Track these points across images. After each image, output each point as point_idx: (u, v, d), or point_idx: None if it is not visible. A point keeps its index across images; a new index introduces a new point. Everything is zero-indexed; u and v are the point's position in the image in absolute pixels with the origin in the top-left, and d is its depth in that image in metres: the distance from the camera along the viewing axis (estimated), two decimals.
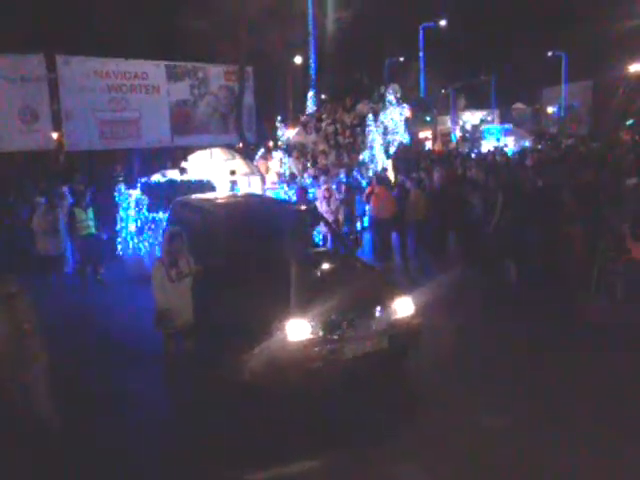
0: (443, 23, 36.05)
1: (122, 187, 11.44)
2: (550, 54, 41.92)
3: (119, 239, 11.47)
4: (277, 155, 15.06)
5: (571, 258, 9.44)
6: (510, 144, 30.29)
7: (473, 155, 21.89)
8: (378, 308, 6.25)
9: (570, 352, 7.15)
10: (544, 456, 5.06)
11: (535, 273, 9.66)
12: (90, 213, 10.63)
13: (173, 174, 12.69)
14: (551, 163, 16.06)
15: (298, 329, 5.78)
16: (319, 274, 6.92)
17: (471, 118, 41.89)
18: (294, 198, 11.76)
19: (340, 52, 29.86)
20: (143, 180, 11.57)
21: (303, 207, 9.01)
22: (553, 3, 38.62)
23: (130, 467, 5.20)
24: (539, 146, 26.76)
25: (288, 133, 15.94)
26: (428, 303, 7.19)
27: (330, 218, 10.41)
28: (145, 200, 10.99)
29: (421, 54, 36.38)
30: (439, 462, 5.05)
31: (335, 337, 5.91)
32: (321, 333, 5.86)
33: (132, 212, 11.08)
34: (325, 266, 7.18)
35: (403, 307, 6.40)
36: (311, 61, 21.99)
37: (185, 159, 13.90)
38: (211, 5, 22.18)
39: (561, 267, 9.45)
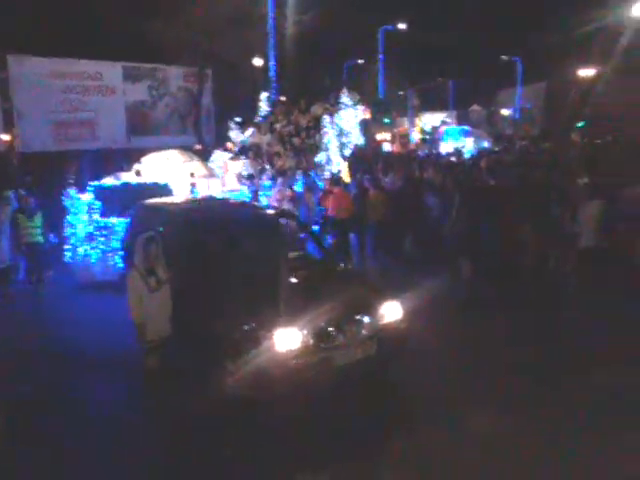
0: (402, 26, 36.37)
1: (72, 191, 11.04)
2: (505, 57, 42.69)
3: (67, 245, 10.95)
4: (229, 156, 14.95)
5: (523, 256, 9.65)
6: (469, 145, 30.63)
7: (432, 156, 22.11)
8: (366, 313, 6.11)
9: (539, 343, 7.43)
10: (532, 458, 5.15)
11: (490, 270, 9.81)
12: (37, 220, 9.90)
13: (127, 177, 12.43)
14: (505, 165, 16.34)
15: (287, 339, 5.58)
16: (303, 280, 6.67)
17: (431, 119, 42.32)
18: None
19: (301, 54, 29.85)
20: (95, 183, 11.24)
21: (279, 211, 8.80)
22: (509, 8, 39.36)
23: None
24: (496, 148, 27.19)
25: (244, 134, 15.85)
26: None
27: None
28: (98, 204, 10.69)
29: (380, 56, 36.64)
30: (434, 467, 5.09)
31: (325, 345, 5.74)
32: (311, 342, 5.68)
33: (84, 217, 10.72)
34: (308, 271, 6.94)
35: (391, 311, 6.29)
36: (271, 63, 21.92)
37: (139, 161, 13.65)
38: (170, 7, 21.95)
39: (514, 264, 9.65)
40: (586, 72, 33.84)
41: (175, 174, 12.98)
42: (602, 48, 30.96)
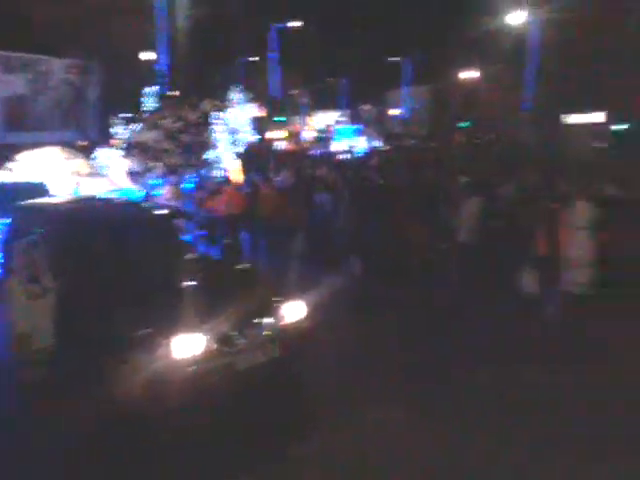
0: (296, 25, 36.53)
1: None
2: (396, 59, 44.11)
3: None
4: (118, 153, 14.41)
5: (411, 253, 9.99)
6: (362, 144, 31.37)
7: (324, 155, 22.44)
8: (267, 314, 5.97)
9: (427, 335, 7.80)
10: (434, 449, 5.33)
11: (380, 268, 10.07)
12: None
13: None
14: (395, 164, 16.86)
15: (189, 344, 5.32)
16: (201, 282, 6.33)
17: (324, 118, 42.97)
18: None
19: (192, 49, 29.22)
20: None
21: (172, 210, 8.46)
22: (398, 10, 40.71)
23: None
24: (386, 147, 28.05)
25: (130, 130, 15.29)
26: None
27: None
28: None
29: (273, 55, 36.69)
30: (337, 467, 5.13)
31: (228, 350, 5.55)
32: (212, 347, 5.44)
33: None
34: (205, 272, 6.62)
35: (294, 311, 6.20)
36: (160, 56, 21.33)
37: (13, 158, 12.78)
38: None
39: (402, 260, 9.97)
40: (469, 75, 35.66)
41: (56, 172, 12.30)
42: (484, 52, 32.75)
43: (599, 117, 27.35)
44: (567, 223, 7.74)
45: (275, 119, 31.86)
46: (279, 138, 30.69)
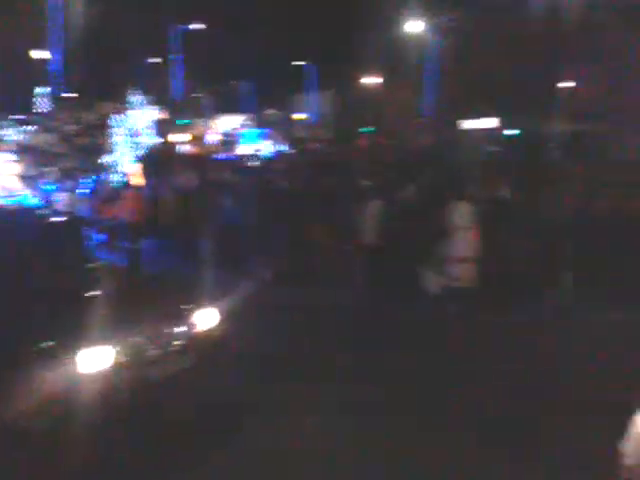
0: (199, 26, 35.97)
1: None
2: (301, 63, 44.52)
3: None
4: (5, 157, 13.63)
5: (316, 255, 10.16)
6: (267, 148, 31.40)
7: (229, 158, 22.32)
8: (179, 323, 5.77)
9: (333, 334, 7.98)
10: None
11: (286, 269, 10.14)
12: None
13: None
14: (300, 168, 17.04)
15: (94, 358, 5.04)
16: (106, 291, 6.04)
17: (229, 121, 42.58)
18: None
19: (88, 48, 28.11)
20: None
21: (71, 217, 8.04)
22: (303, 15, 41.07)
23: None
24: (292, 151, 28.28)
25: (21, 133, 14.52)
26: None
27: None
28: None
29: (175, 56, 36.05)
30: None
31: (137, 361, 5.29)
32: (121, 359, 5.19)
33: None
34: (111, 281, 6.31)
35: (206, 318, 6.03)
36: (53, 55, 20.37)
37: None
38: None
39: (308, 262, 10.10)
40: (372, 80, 36.65)
41: None
42: (387, 59, 33.75)
43: (492, 123, 28.82)
44: (456, 222, 8.20)
45: (178, 122, 31.25)
46: (183, 141, 30.14)
